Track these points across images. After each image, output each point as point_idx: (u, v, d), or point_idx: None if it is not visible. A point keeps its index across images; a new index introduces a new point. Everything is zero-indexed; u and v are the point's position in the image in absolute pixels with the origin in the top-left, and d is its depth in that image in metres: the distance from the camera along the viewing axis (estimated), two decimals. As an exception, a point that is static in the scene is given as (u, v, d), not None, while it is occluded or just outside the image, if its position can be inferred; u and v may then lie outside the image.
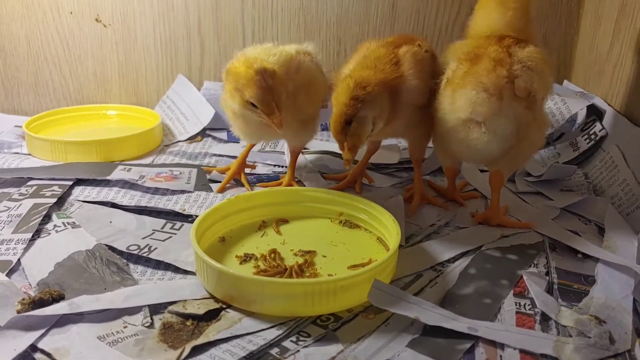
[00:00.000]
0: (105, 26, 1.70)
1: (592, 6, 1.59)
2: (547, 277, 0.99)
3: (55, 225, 1.11)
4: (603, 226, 1.15)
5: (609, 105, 1.44)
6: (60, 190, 1.24)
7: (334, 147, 1.56)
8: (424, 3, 1.66)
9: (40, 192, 1.22)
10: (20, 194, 1.22)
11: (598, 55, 1.53)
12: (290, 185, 1.29)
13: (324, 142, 1.62)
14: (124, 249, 1.03)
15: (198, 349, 0.80)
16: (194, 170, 1.39)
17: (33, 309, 0.86)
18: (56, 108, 1.70)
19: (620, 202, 1.22)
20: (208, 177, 1.37)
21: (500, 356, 0.80)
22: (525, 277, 0.98)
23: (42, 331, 0.82)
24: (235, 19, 1.69)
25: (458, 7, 1.66)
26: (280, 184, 1.31)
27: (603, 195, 1.28)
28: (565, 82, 1.69)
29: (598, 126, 1.44)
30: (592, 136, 1.44)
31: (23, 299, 0.88)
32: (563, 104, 1.50)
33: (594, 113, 1.48)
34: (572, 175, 1.38)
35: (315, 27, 1.69)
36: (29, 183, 1.28)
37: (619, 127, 1.37)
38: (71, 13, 1.69)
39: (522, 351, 0.80)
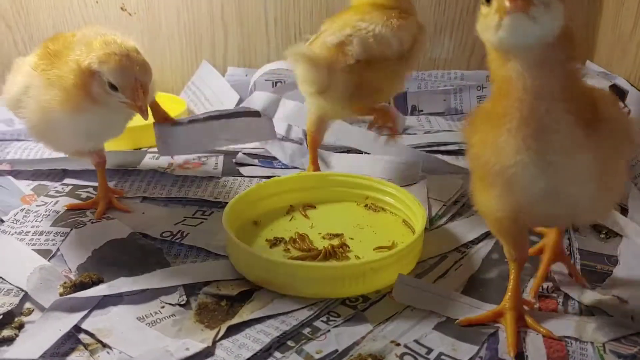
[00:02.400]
0: (130, 15, 1.73)
1: (615, -14, 1.58)
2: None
3: (90, 219, 1.14)
4: (626, 207, 1.16)
5: (632, 85, 1.44)
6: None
7: None
8: (446, -15, 1.66)
9: (76, 192, 1.26)
10: (57, 192, 1.26)
11: (621, 35, 1.53)
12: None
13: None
14: (157, 236, 1.07)
15: (233, 329, 0.83)
16: (221, 156, 1.42)
17: (74, 291, 0.90)
18: (84, 96, 1.73)
19: (643, 183, 1.23)
20: (234, 161, 1.40)
21: (523, 338, 0.82)
22: (548, 259, 1.00)
23: (85, 313, 0.87)
24: (258, 6, 1.71)
25: (479, -11, 1.66)
26: None
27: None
28: (588, 62, 1.69)
29: (620, 104, 1.44)
30: (615, 116, 1.44)
31: (65, 283, 0.92)
32: (585, 85, 1.50)
33: (617, 93, 1.48)
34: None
35: (337, 11, 1.69)
36: (64, 181, 1.30)
37: (642, 107, 1.37)
38: (97, 2, 1.72)
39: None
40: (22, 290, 0.92)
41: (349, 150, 1.44)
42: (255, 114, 1.44)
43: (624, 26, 1.51)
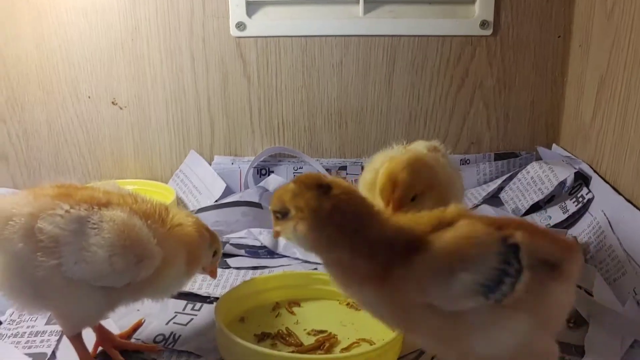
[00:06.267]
0: (121, 109, 1.82)
1: (575, 77, 1.70)
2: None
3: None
4: (592, 293, 1.24)
5: (595, 171, 1.54)
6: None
7: None
8: (418, 78, 1.78)
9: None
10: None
11: (582, 123, 1.64)
12: None
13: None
14: (151, 341, 1.13)
15: None
16: (209, 248, 1.48)
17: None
18: (76, 186, 1.81)
19: (607, 268, 1.30)
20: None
21: None
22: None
23: None
24: (242, 98, 1.81)
25: (450, 80, 1.78)
26: None
27: (591, 260, 1.37)
28: (554, 145, 1.80)
29: (585, 189, 1.54)
30: (580, 199, 1.53)
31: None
32: (550, 171, 1.60)
33: (581, 178, 1.57)
34: (563, 237, 1.46)
35: (317, 103, 1.81)
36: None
37: (604, 193, 1.46)
38: (89, 97, 1.81)
39: None
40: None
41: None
42: (257, 205, 1.59)
43: (585, 115, 1.62)
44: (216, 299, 1.24)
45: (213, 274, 1.15)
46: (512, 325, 0.77)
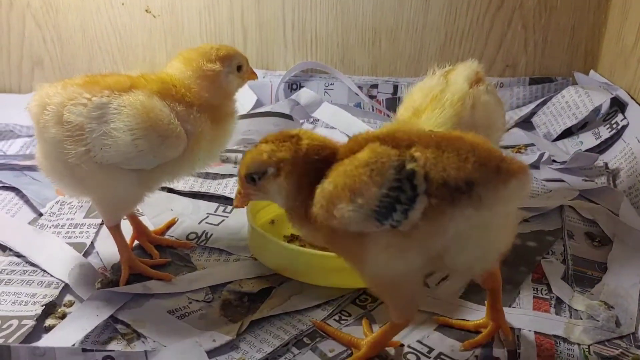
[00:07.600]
0: (154, 17, 1.81)
1: (619, 0, 1.65)
2: (564, 265, 1.09)
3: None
4: (618, 215, 1.24)
5: (632, 98, 1.51)
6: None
7: None
8: (456, -5, 1.74)
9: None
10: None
11: (624, 48, 1.60)
12: None
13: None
14: (184, 238, 1.17)
15: (255, 324, 0.93)
16: (240, 156, 1.51)
17: (110, 288, 1.00)
18: (109, 93, 1.82)
19: (636, 193, 1.31)
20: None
21: (517, 336, 0.91)
22: (543, 265, 1.08)
23: (120, 304, 0.96)
24: (276, 10, 1.78)
25: (489, 0, 1.73)
26: None
27: (621, 185, 1.37)
28: (592, 72, 1.76)
29: (620, 116, 1.52)
30: (614, 125, 1.52)
31: (102, 280, 1.02)
32: (586, 96, 1.57)
33: (617, 104, 1.55)
34: (594, 162, 1.46)
35: (352, 18, 1.78)
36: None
37: (639, 120, 1.45)
38: (123, 4, 1.80)
39: (536, 332, 0.92)
40: (62, 282, 1.02)
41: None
42: (288, 116, 1.62)
43: (627, 40, 1.58)
44: (247, 202, 1.28)
45: (253, 76, 1.15)
46: (401, 252, 0.76)
